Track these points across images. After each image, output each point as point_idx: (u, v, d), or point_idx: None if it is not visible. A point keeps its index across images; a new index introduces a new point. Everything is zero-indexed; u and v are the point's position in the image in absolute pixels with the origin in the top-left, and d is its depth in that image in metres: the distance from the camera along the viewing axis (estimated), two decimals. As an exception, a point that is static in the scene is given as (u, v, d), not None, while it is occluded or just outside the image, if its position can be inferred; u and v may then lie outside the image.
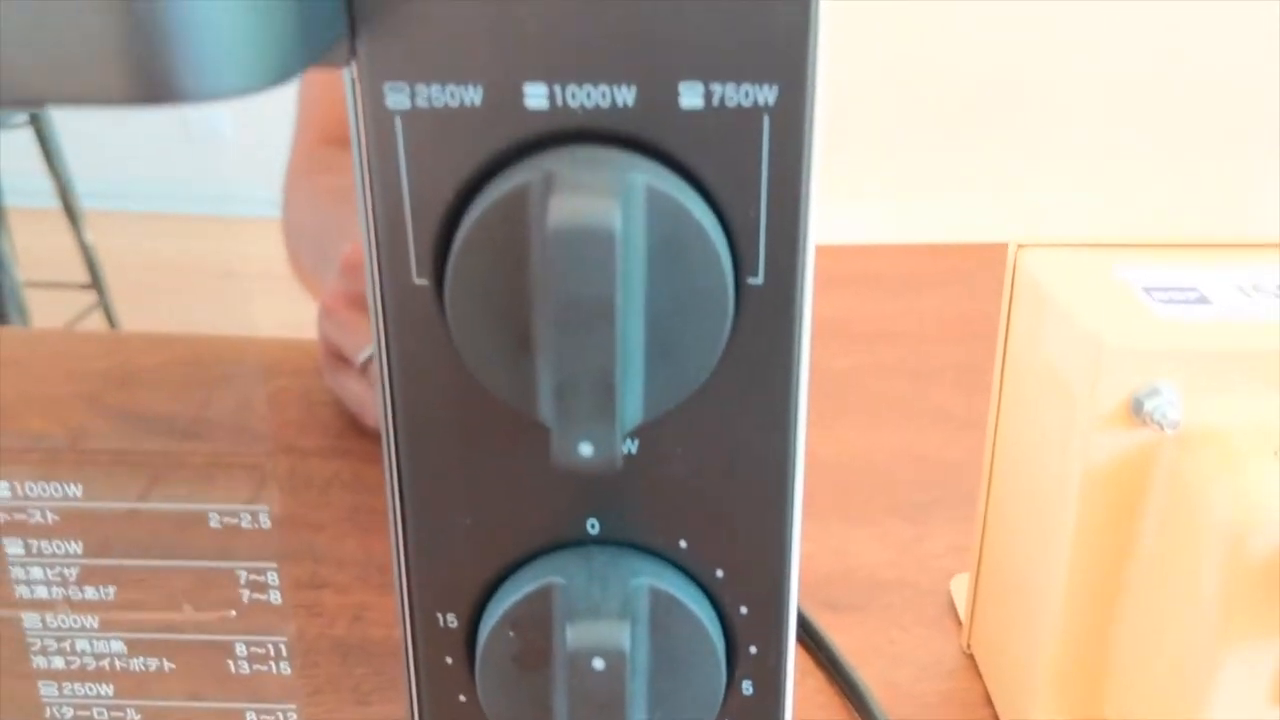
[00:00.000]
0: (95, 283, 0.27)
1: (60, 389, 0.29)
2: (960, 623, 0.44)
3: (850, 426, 0.56)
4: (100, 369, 0.29)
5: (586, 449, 0.20)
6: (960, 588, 0.46)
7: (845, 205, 0.65)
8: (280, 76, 0.17)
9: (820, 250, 0.23)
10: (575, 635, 0.23)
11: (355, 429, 0.30)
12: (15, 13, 0.16)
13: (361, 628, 0.31)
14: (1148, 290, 0.33)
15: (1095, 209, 0.85)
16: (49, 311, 0.28)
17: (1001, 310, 0.37)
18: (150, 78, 0.16)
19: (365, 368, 0.29)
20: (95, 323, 0.28)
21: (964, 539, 0.48)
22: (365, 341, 0.26)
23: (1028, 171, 0.85)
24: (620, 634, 0.22)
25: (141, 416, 0.29)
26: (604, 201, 0.19)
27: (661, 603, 0.24)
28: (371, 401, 0.26)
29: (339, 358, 0.30)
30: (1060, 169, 0.85)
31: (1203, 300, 0.32)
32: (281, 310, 0.28)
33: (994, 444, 0.39)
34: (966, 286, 0.72)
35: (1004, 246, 0.80)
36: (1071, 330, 0.32)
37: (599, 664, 0.23)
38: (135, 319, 0.28)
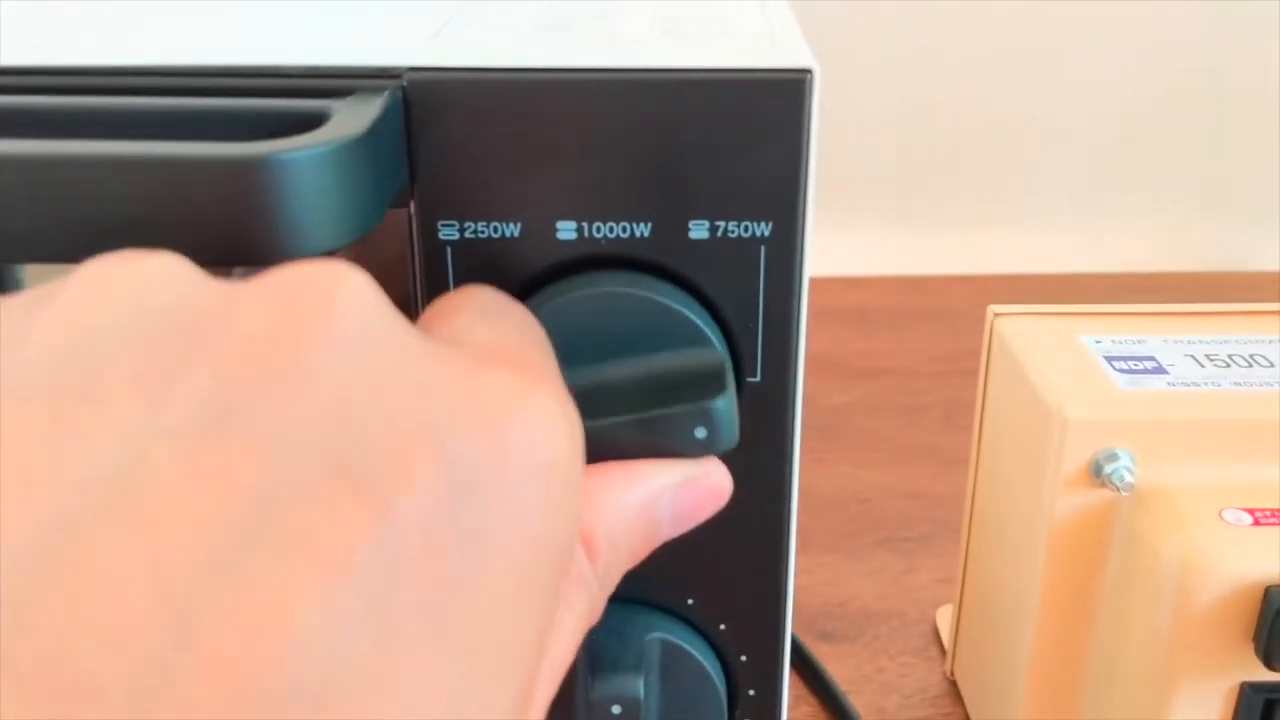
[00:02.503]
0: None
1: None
2: (944, 651, 0.48)
3: (843, 462, 0.60)
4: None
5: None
6: (944, 618, 0.49)
7: (833, 236, 0.68)
8: (361, 230, 0.21)
9: (810, 282, 0.25)
10: (597, 685, 0.26)
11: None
12: (130, 184, 0.20)
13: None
14: (1109, 359, 0.36)
15: (1081, 242, 0.88)
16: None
17: (980, 368, 0.41)
18: (253, 243, 0.20)
19: None
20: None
21: (950, 571, 0.52)
22: None
23: (1015, 204, 0.88)
24: (636, 685, 0.26)
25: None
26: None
27: (671, 654, 0.27)
28: None
29: None
30: (1048, 202, 0.88)
31: (1159, 370, 0.36)
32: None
33: (974, 488, 0.43)
34: (953, 321, 0.75)
35: (989, 279, 0.83)
36: (1040, 400, 0.35)
37: (616, 710, 0.26)
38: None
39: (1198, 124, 0.86)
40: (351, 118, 0.21)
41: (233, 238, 0.20)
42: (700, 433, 0.23)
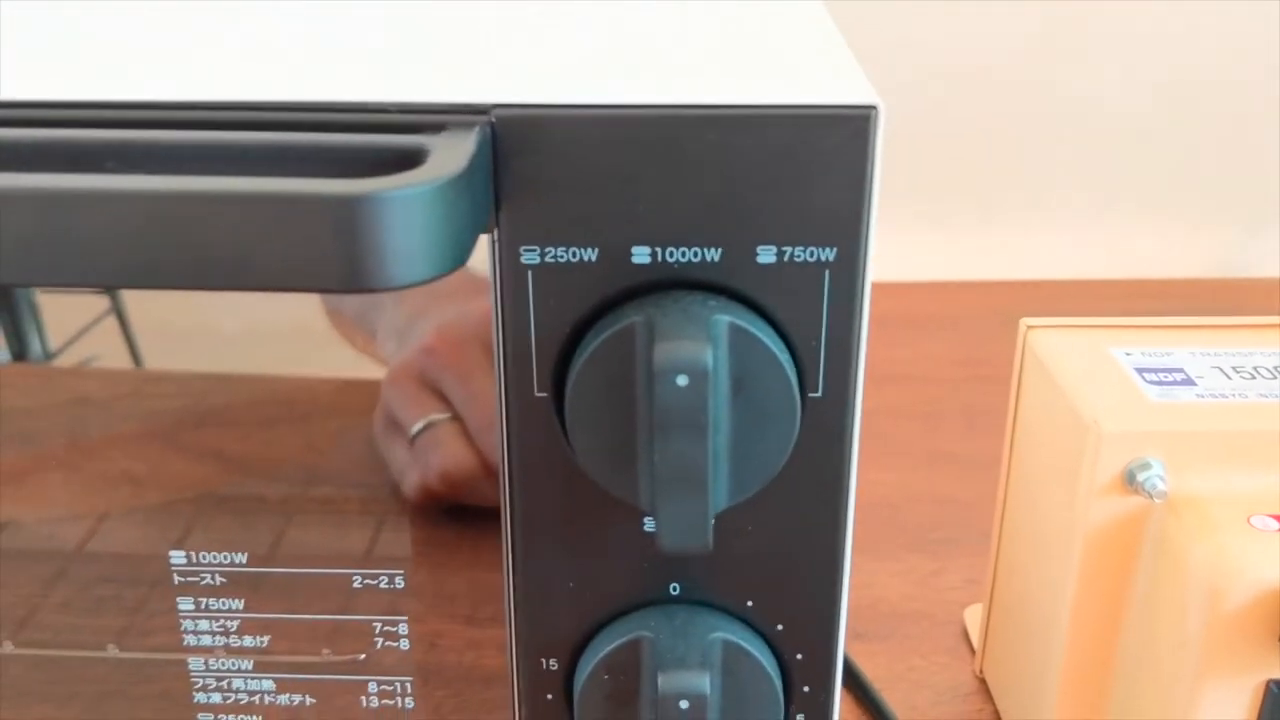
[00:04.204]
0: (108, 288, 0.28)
1: (137, 428, 0.31)
2: (973, 650, 0.49)
3: (869, 467, 0.61)
4: (174, 408, 0.31)
5: (685, 538, 0.25)
6: (973, 618, 0.51)
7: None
8: (458, 260, 0.22)
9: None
10: (665, 682, 0.27)
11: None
12: (255, 218, 0.21)
13: (438, 654, 0.35)
14: (1139, 371, 0.38)
15: (1094, 249, 0.89)
16: (62, 317, 0.29)
17: (1013, 379, 0.42)
18: (362, 272, 0.21)
19: (415, 440, 0.30)
20: (109, 328, 0.29)
21: (976, 573, 0.53)
22: (423, 414, 0.30)
23: (1030, 211, 0.89)
24: (702, 681, 0.27)
25: (219, 456, 0.33)
26: (699, 345, 0.24)
27: (732, 653, 0.29)
28: (411, 471, 0.30)
29: (394, 423, 0.30)
30: (1061, 209, 0.89)
31: (1188, 382, 0.37)
32: (294, 311, 0.29)
33: (1005, 494, 0.44)
34: (967, 327, 0.76)
35: (1002, 286, 0.84)
36: (1074, 412, 0.36)
37: (684, 705, 0.27)
38: (149, 324, 0.29)
39: (1206, 130, 0.87)
40: (450, 155, 0.22)
41: (335, 270, 0.21)
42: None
